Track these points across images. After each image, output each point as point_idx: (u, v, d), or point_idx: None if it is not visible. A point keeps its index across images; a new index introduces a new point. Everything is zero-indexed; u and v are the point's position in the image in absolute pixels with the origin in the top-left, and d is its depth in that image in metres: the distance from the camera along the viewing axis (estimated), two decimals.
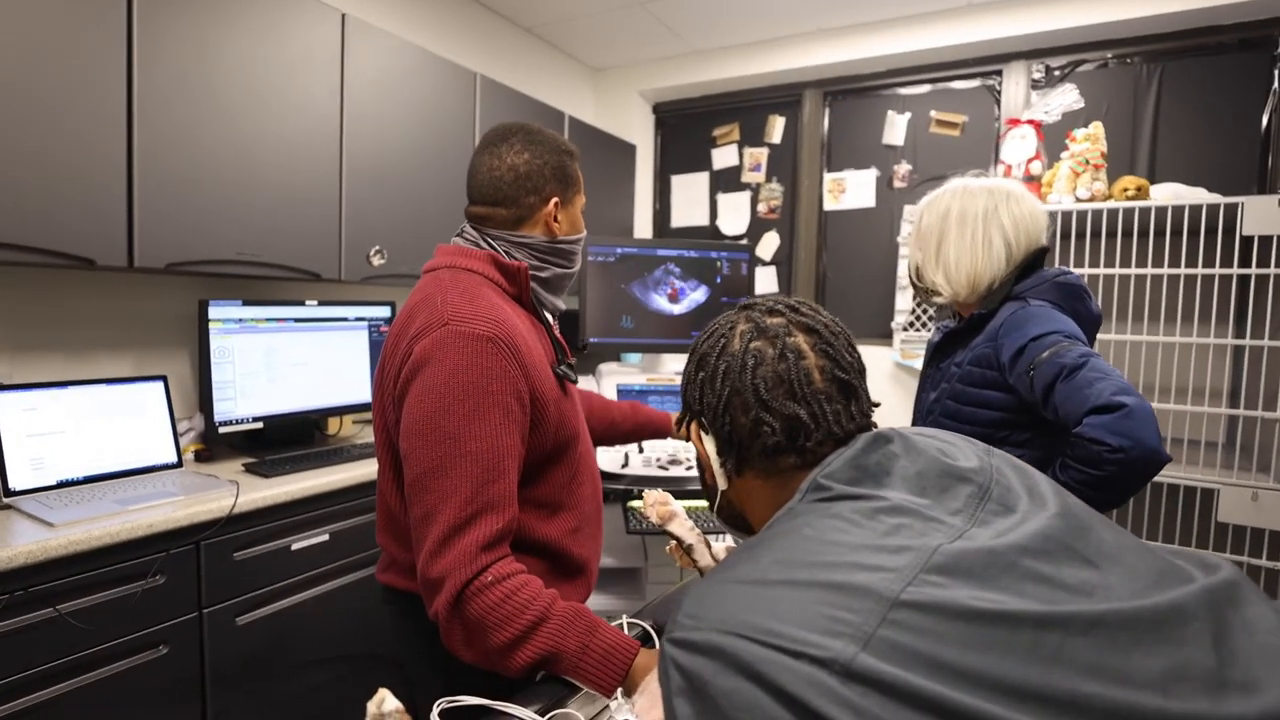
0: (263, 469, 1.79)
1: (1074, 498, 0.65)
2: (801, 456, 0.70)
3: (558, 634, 0.89)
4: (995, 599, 0.50)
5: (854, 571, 0.53)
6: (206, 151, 1.73)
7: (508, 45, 3.16)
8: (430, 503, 0.92)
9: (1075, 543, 0.57)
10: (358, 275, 2.13)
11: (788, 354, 0.70)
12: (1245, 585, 0.55)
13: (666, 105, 3.79)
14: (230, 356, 1.91)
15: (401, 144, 2.24)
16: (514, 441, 0.96)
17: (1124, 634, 0.49)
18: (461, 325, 0.95)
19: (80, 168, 1.51)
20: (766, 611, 0.52)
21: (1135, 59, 2.81)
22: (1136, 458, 1.04)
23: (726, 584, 0.57)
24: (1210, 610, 0.52)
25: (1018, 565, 0.53)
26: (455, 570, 0.89)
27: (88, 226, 1.53)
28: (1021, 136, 2.49)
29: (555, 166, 1.11)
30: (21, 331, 1.73)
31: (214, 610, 1.55)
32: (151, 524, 1.42)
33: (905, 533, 0.56)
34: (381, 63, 2.15)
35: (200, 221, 1.73)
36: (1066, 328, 1.22)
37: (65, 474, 1.58)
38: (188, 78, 1.68)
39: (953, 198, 1.38)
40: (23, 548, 1.25)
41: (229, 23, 1.76)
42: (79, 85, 1.50)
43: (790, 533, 0.60)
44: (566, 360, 1.14)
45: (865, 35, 3.12)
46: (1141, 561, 0.57)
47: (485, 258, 1.07)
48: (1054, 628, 0.48)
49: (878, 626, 0.49)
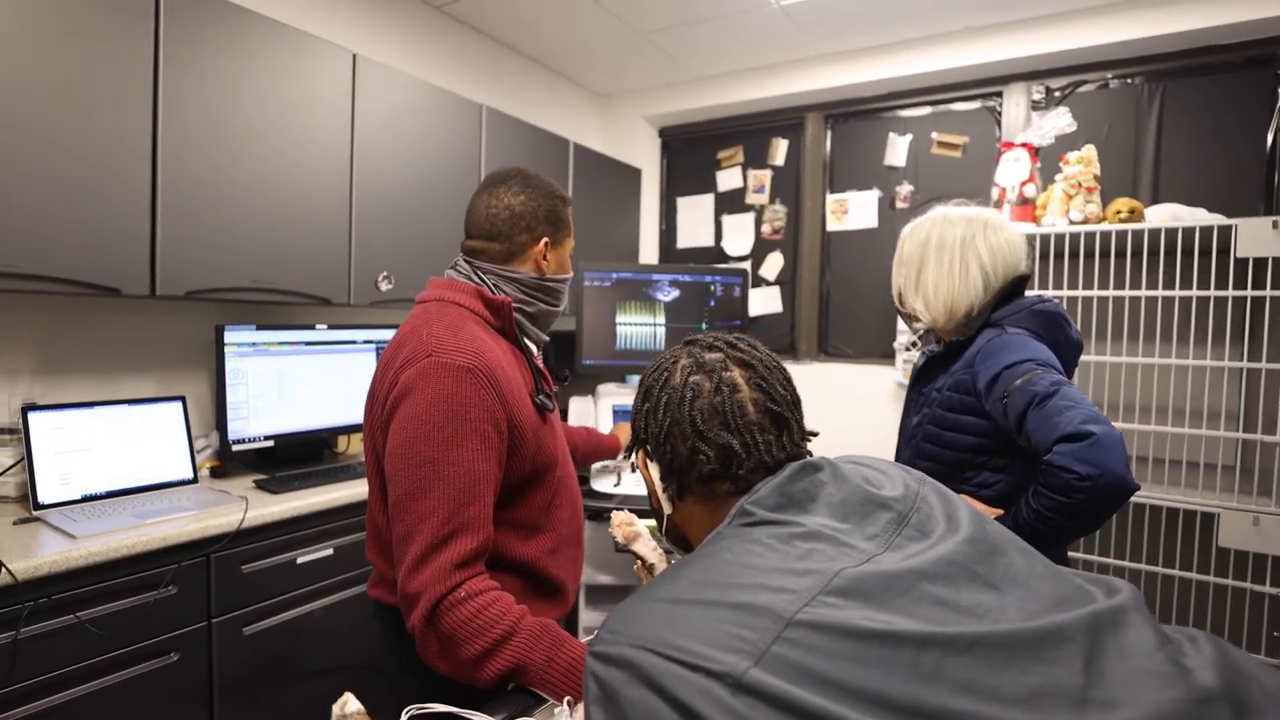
0: (272, 485, 1.88)
1: (995, 525, 0.69)
2: (735, 483, 0.74)
3: (525, 648, 0.95)
4: (885, 620, 0.53)
5: (759, 593, 0.57)
6: (225, 185, 1.85)
7: (515, 74, 3.27)
8: (410, 522, 0.98)
9: (978, 567, 0.61)
10: (366, 299, 2.23)
11: (723, 387, 0.76)
12: (1135, 609, 0.59)
13: (671, 129, 3.88)
14: (244, 378, 2.02)
15: (409, 174, 2.34)
16: (490, 467, 1.03)
17: (1001, 654, 0.52)
18: (443, 357, 1.01)
19: (109, 205, 1.63)
20: (676, 628, 0.56)
21: (1136, 79, 2.81)
22: (1104, 485, 1.06)
23: (647, 602, 0.62)
24: (1090, 633, 0.55)
25: (915, 589, 0.57)
26: (430, 586, 0.95)
27: (114, 258, 1.65)
28: (1015, 159, 2.51)
29: (549, 210, 1.18)
30: (52, 355, 1.85)
31: (222, 620, 1.63)
32: (165, 537, 1.51)
33: (815, 557, 0.60)
34: (390, 99, 2.27)
35: (218, 251, 1.84)
36: (1041, 355, 1.23)
37: (90, 489, 1.69)
38: (208, 118, 1.80)
39: (932, 226, 1.41)
40: (47, 558, 1.35)
41: (248, 63, 1.88)
42: (108, 129, 1.62)
43: (711, 555, 0.65)
44: (545, 390, 1.20)
45: (866, 59, 3.17)
46: (1046, 585, 0.61)
47: (473, 292, 1.14)
48: (935, 647, 0.52)
49: (771, 643, 0.52)
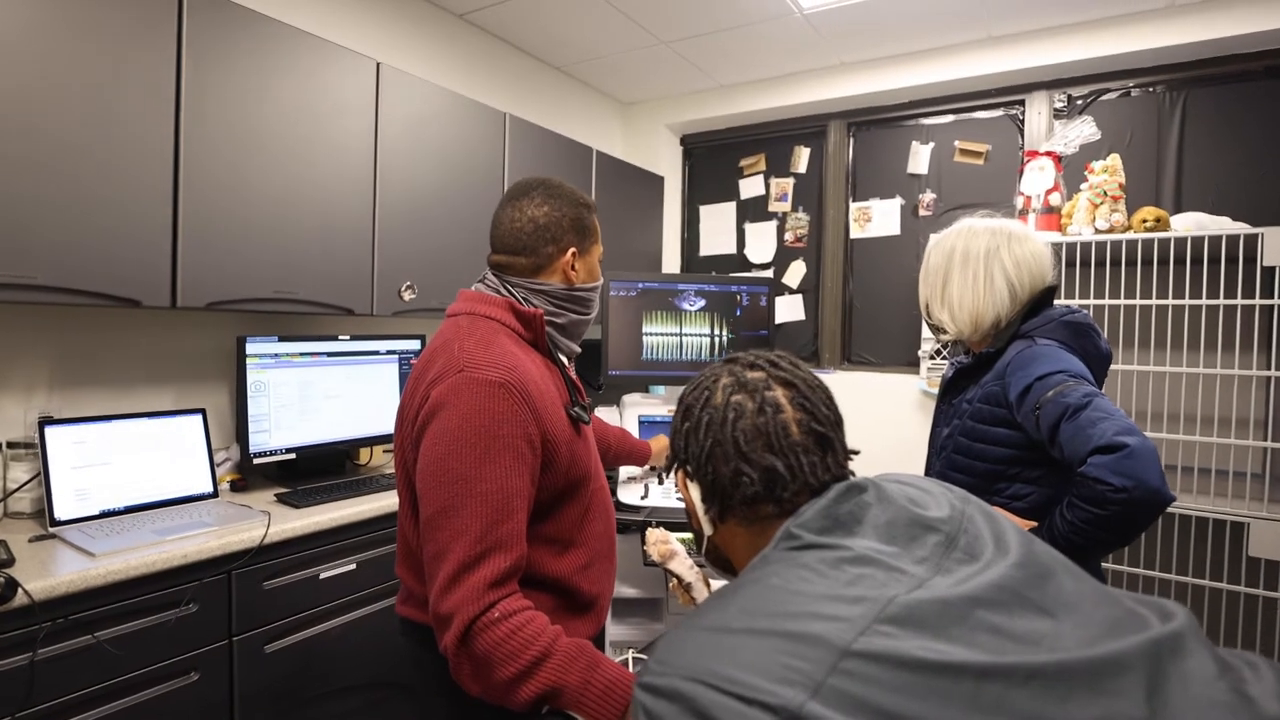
0: (294, 499, 1.84)
1: (1042, 545, 0.66)
2: (779, 506, 0.72)
3: (560, 670, 0.91)
4: (943, 649, 0.52)
5: (811, 621, 0.55)
6: (248, 195, 1.82)
7: (538, 82, 3.26)
8: (442, 541, 0.95)
9: (1031, 592, 0.58)
10: (389, 310, 2.20)
11: (766, 408, 0.73)
12: (1192, 635, 0.57)
13: (694, 137, 3.85)
14: (266, 390, 1.99)
15: (432, 183, 2.32)
16: (524, 483, 1.00)
17: (1061, 685, 0.50)
18: (475, 371, 0.99)
19: (130, 215, 1.61)
20: (727, 659, 0.54)
21: (1157, 88, 2.78)
22: (1139, 498, 1.05)
23: (695, 630, 0.60)
24: (1150, 661, 0.53)
25: (970, 616, 0.55)
26: (463, 606, 0.92)
27: (135, 269, 1.62)
28: (1040, 168, 2.47)
29: (574, 219, 1.16)
30: (69, 368, 1.82)
31: (244, 638, 1.59)
32: (186, 554, 1.47)
33: (866, 583, 0.58)
34: (414, 108, 2.24)
35: (240, 261, 1.81)
36: (1072, 367, 1.22)
37: (108, 504, 1.66)
38: (232, 127, 1.78)
39: (957, 237, 1.40)
40: (65, 577, 1.31)
41: (271, 72, 1.86)
42: (130, 138, 1.60)
43: (758, 581, 0.62)
44: (580, 402, 1.17)
45: (888, 68, 3.14)
46: (1099, 610, 0.59)
47: (504, 304, 1.12)
48: (995, 678, 0.50)
49: (827, 675, 0.50)
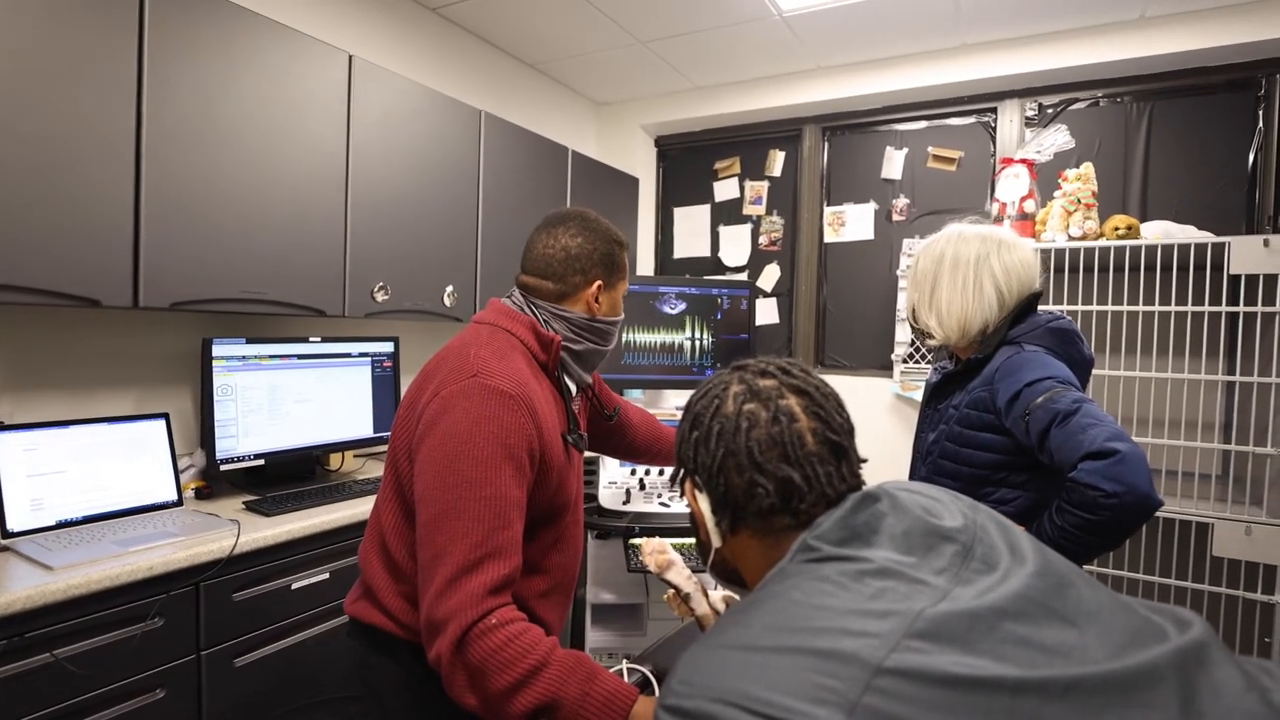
0: (264, 507, 1.78)
1: (1054, 553, 0.66)
2: (795, 518, 0.71)
3: (558, 680, 0.89)
4: (975, 664, 0.51)
5: (840, 638, 0.54)
6: (213, 191, 1.75)
7: (513, 80, 3.22)
8: (441, 543, 0.94)
9: (1054, 602, 0.59)
10: (361, 311, 2.14)
11: (780, 417, 0.72)
12: (1214, 645, 0.57)
13: (668, 139, 3.85)
14: (233, 394, 1.92)
15: (406, 181, 2.26)
16: (522, 495, 1.01)
17: (1097, 697, 0.50)
18: (488, 379, 1.01)
19: (88, 209, 1.53)
20: (756, 678, 0.53)
21: (1125, 98, 2.86)
22: (1130, 503, 1.07)
23: (719, 649, 0.58)
24: (1180, 673, 0.53)
25: (998, 628, 0.55)
26: (461, 612, 0.90)
27: (94, 268, 1.55)
28: (1015, 175, 2.52)
29: (604, 254, 1.18)
30: (23, 371, 1.73)
31: (212, 652, 1.53)
32: (151, 566, 1.41)
33: (890, 595, 0.58)
34: (387, 103, 2.19)
35: (206, 260, 1.74)
36: (1060, 373, 1.24)
37: (65, 514, 1.58)
38: (197, 119, 1.71)
39: (947, 243, 1.41)
40: (20, 592, 1.24)
41: (238, 65, 1.79)
42: (88, 128, 1.52)
43: (780, 595, 0.61)
44: (577, 430, 1.19)
45: (863, 73, 3.18)
46: (1118, 619, 0.59)
47: (527, 324, 1.14)
48: (1030, 693, 0.50)
49: (862, 694, 0.50)
